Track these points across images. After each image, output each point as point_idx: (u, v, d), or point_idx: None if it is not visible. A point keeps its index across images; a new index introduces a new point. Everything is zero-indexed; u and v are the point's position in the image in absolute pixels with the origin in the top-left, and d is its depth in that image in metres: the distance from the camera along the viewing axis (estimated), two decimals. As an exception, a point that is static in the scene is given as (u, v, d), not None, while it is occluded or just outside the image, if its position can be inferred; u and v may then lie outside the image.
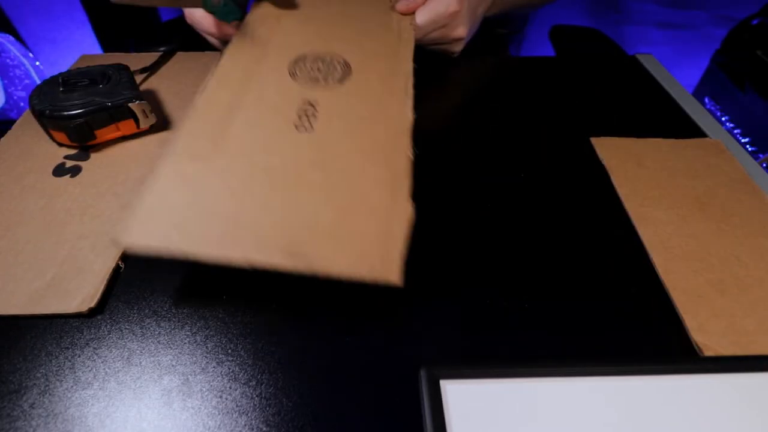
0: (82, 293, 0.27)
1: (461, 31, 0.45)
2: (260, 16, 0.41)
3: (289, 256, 0.23)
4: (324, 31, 0.40)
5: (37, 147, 0.37)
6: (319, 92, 0.33)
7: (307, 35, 0.40)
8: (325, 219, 0.25)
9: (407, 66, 0.37)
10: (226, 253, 0.23)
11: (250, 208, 0.25)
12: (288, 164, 0.28)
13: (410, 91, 0.34)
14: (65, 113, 0.34)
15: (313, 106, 0.32)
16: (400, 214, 0.26)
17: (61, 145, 0.37)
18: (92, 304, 0.27)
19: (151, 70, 0.46)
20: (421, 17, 0.43)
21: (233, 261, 0.23)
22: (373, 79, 0.35)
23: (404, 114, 0.32)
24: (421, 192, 0.35)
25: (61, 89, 0.36)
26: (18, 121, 0.40)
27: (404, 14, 0.43)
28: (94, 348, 0.26)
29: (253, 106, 0.32)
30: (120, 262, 0.29)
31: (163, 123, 0.40)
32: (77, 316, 0.27)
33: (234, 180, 0.26)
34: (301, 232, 0.24)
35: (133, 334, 0.26)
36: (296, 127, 0.30)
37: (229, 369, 0.25)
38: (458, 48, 0.48)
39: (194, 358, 0.25)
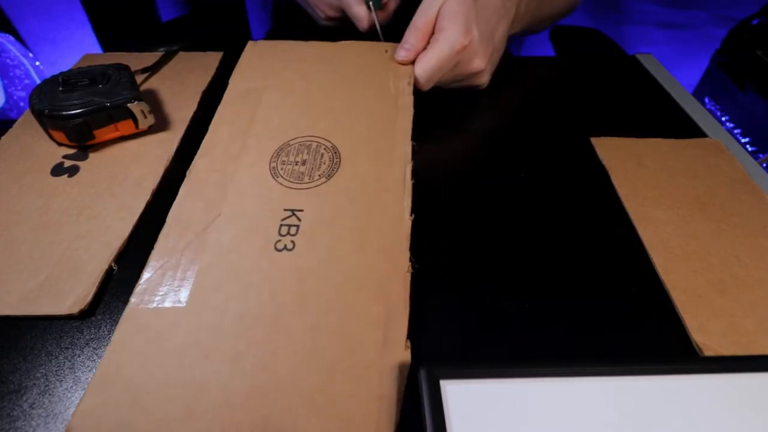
0: (74, 295, 0.27)
1: (478, 63, 0.40)
2: (241, 93, 0.38)
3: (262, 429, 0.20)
4: (311, 106, 0.36)
5: (36, 146, 0.37)
6: (303, 194, 0.30)
7: (292, 112, 0.36)
8: (306, 383, 0.22)
9: (404, 148, 0.33)
10: None
11: (219, 370, 0.22)
12: (264, 307, 0.25)
13: (408, 184, 0.31)
14: (64, 113, 0.34)
15: (296, 215, 0.29)
16: (394, 367, 0.23)
17: (60, 144, 0.37)
18: (83, 306, 0.27)
19: (152, 70, 0.46)
20: (425, 65, 0.38)
21: None
22: (366, 171, 0.31)
23: (402, 218, 0.29)
24: (421, 192, 0.35)
25: (60, 89, 0.36)
26: (18, 121, 0.40)
27: (404, 64, 0.39)
28: (94, 348, 0.26)
29: (230, 223, 0.28)
30: (113, 264, 0.29)
31: (162, 123, 0.40)
32: (68, 317, 0.27)
33: (201, 332, 0.24)
34: (278, 404, 0.21)
35: (133, 334, 0.26)
36: (276, 246, 0.27)
37: (229, 369, 0.25)
38: (482, 80, 0.43)
39: (194, 358, 0.25)
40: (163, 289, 0.26)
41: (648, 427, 0.20)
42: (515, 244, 0.31)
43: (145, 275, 0.26)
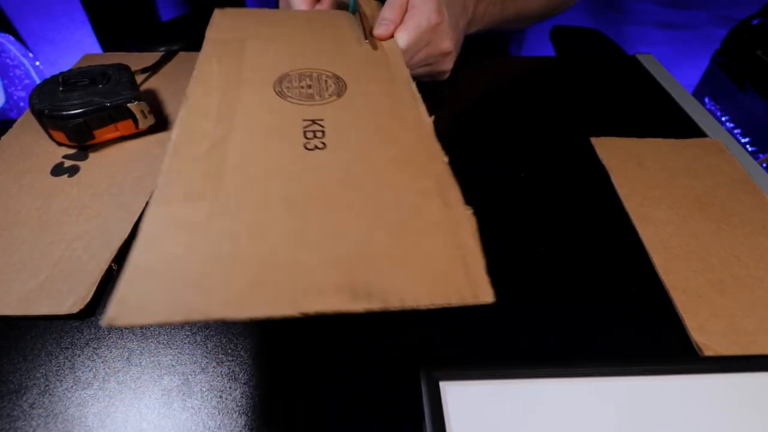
0: (74, 295, 0.27)
1: (447, 44, 0.42)
2: (221, 41, 0.36)
3: (354, 297, 0.18)
4: (299, 49, 0.35)
5: (36, 146, 0.37)
6: (317, 108, 0.29)
7: (281, 54, 0.34)
8: (380, 243, 0.21)
9: (404, 73, 0.33)
10: (267, 308, 0.18)
11: (280, 245, 0.20)
12: (311, 188, 0.23)
13: (419, 96, 0.30)
14: (64, 113, 0.34)
15: (317, 123, 0.27)
16: (464, 222, 0.22)
17: (60, 144, 0.37)
18: (83, 306, 0.27)
19: (152, 70, 0.46)
20: (403, 38, 0.39)
21: (281, 315, 0.18)
22: (374, 90, 0.31)
23: (422, 120, 0.28)
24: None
25: (60, 89, 0.36)
26: (18, 121, 0.40)
27: (383, 39, 0.39)
28: (94, 348, 0.26)
29: (247, 131, 0.26)
30: (113, 264, 0.29)
31: (162, 123, 0.40)
32: (68, 317, 0.27)
33: (249, 215, 0.21)
34: (357, 263, 0.20)
35: (133, 334, 0.26)
36: (306, 147, 0.25)
37: (229, 369, 0.25)
38: (447, 66, 0.45)
39: (194, 358, 0.25)
40: (191, 183, 0.23)
41: (648, 427, 0.20)
42: (515, 244, 0.31)
43: (165, 175, 0.23)
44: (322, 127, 0.27)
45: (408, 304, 0.19)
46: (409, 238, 0.21)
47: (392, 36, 0.40)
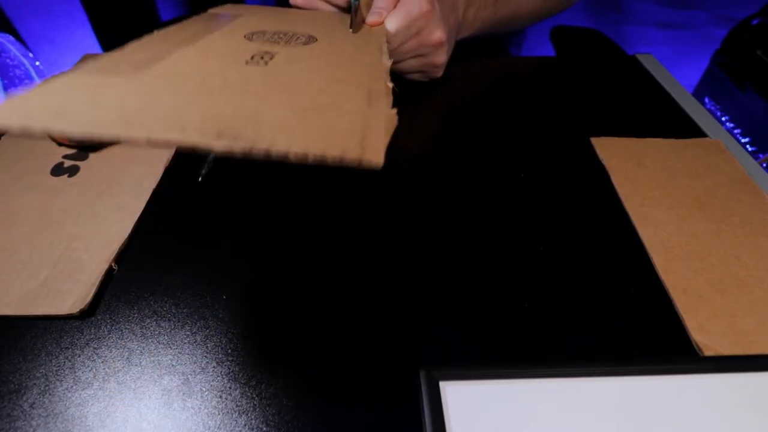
0: (74, 295, 0.27)
1: (439, 34, 0.42)
2: (217, 14, 0.39)
3: (216, 137, 0.17)
4: (286, 23, 0.37)
5: (36, 146, 0.37)
6: (278, 47, 0.29)
7: (268, 21, 0.36)
8: (277, 115, 0.19)
9: (381, 40, 0.34)
10: (112, 128, 0.17)
11: (167, 106, 0.19)
12: (231, 81, 0.23)
13: (386, 50, 0.31)
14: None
15: (269, 53, 0.28)
16: (381, 115, 0.20)
17: (60, 144, 0.37)
18: (83, 306, 0.27)
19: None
20: (393, 23, 0.39)
21: (126, 137, 0.17)
22: (343, 46, 0.32)
23: (380, 61, 0.28)
24: (420, 192, 0.35)
25: (60, 89, 0.36)
26: (18, 121, 0.40)
27: (375, 26, 0.39)
28: (94, 348, 0.26)
29: (196, 51, 0.27)
30: (113, 264, 0.29)
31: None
32: (68, 317, 0.27)
33: (153, 88, 0.21)
34: (240, 121, 0.18)
35: (133, 334, 0.26)
36: (246, 63, 0.26)
37: (229, 369, 0.25)
38: (440, 59, 0.44)
39: (194, 358, 0.25)
40: (107, 68, 0.23)
41: (648, 427, 0.20)
42: (515, 244, 0.31)
43: (90, 61, 0.24)
44: (273, 56, 0.27)
45: (277, 148, 0.17)
46: (312, 117, 0.20)
47: (383, 23, 0.40)
